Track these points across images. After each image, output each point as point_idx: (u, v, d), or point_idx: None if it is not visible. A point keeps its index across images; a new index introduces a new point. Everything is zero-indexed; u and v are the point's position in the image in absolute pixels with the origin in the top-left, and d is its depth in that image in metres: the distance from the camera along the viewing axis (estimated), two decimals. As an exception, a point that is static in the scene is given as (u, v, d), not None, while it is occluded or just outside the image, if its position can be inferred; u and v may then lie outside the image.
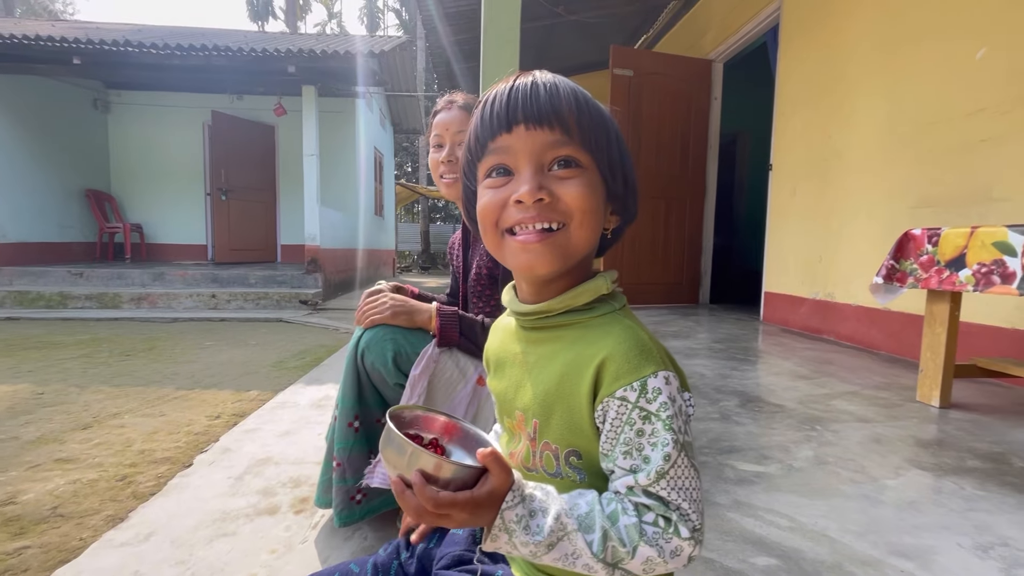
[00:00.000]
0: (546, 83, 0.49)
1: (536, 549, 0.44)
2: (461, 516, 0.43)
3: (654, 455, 0.45)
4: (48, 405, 2.41)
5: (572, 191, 0.48)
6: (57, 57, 5.68)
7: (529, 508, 0.44)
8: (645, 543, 0.44)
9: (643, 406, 0.45)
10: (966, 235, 1.50)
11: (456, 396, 1.06)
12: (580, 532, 0.44)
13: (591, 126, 0.49)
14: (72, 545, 1.35)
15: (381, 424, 1.13)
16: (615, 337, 0.48)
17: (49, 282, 5.84)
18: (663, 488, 0.45)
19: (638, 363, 0.46)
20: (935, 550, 0.84)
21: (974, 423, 1.51)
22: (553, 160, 0.48)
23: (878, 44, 2.72)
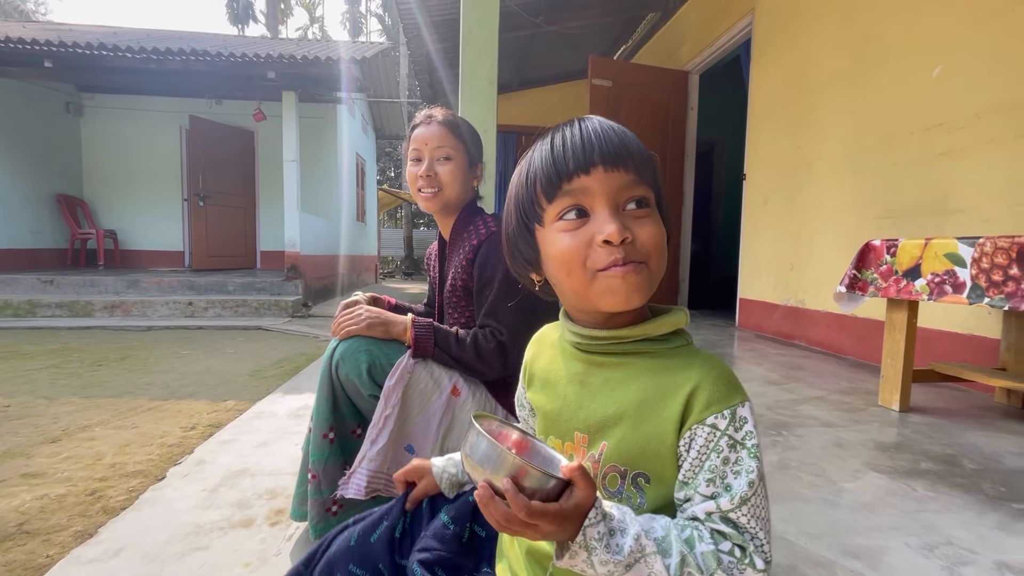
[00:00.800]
0: (614, 127, 0.51)
1: (615, 569, 0.43)
2: (548, 528, 0.42)
3: (737, 482, 0.46)
4: (14, 418, 2.35)
5: (648, 230, 0.50)
6: (28, 60, 5.56)
7: (610, 527, 0.44)
8: (721, 571, 0.44)
9: (731, 434, 0.47)
10: (921, 246, 1.57)
11: (431, 407, 1.07)
12: (659, 555, 0.44)
13: (650, 166, 0.51)
14: (38, 563, 1.33)
15: (356, 435, 1.14)
16: (702, 368, 0.49)
17: (17, 290, 5.67)
18: (743, 515, 0.46)
19: (727, 392, 0.48)
20: (884, 550, 0.88)
21: (930, 426, 1.58)
22: (627, 200, 0.50)
23: (844, 60, 2.83)
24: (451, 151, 1.15)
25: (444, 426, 1.07)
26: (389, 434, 1.01)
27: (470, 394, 1.09)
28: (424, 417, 1.06)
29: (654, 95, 4.53)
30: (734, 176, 5.86)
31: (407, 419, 1.06)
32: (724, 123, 5.94)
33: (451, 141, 1.15)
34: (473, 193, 1.26)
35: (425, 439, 1.06)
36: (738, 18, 3.86)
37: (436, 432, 1.06)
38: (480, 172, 1.22)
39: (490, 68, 2.43)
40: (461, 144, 1.16)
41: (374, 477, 1.01)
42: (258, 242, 7.97)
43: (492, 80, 2.42)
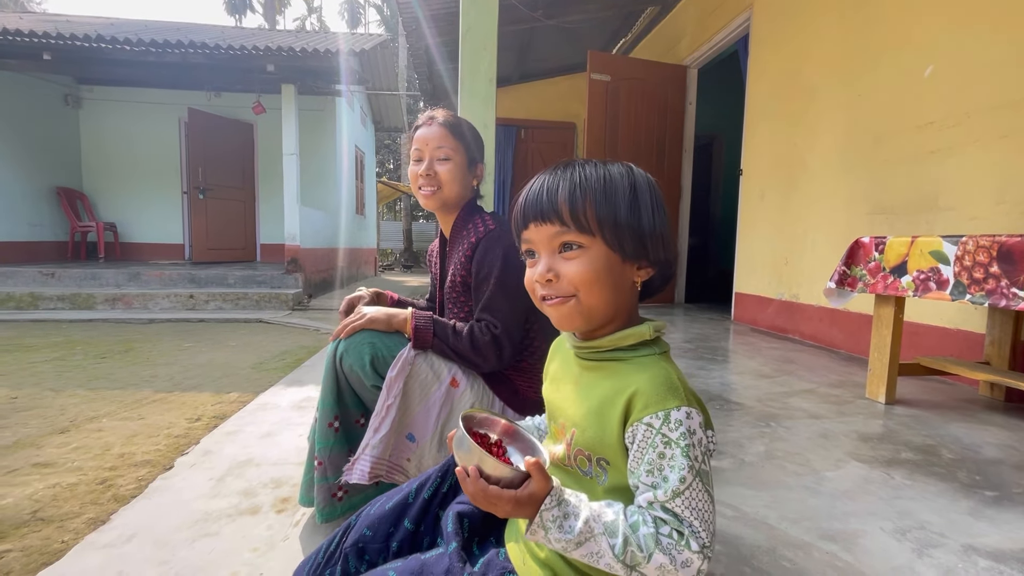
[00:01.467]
0: (548, 187, 0.62)
1: (567, 545, 0.54)
2: (507, 508, 0.54)
3: (672, 476, 0.54)
4: (23, 409, 2.40)
5: (574, 269, 0.61)
6: (26, 52, 5.55)
7: (564, 511, 0.54)
8: (660, 551, 0.52)
9: (665, 433, 0.55)
10: (908, 244, 1.62)
11: (431, 397, 1.12)
12: (605, 536, 0.53)
13: (588, 211, 0.60)
14: (54, 548, 1.38)
15: (360, 424, 1.19)
16: (648, 374, 0.59)
17: (19, 282, 5.71)
18: (678, 505, 0.53)
19: (664, 397, 0.56)
20: (859, 534, 0.93)
21: (914, 418, 1.63)
22: (559, 245, 0.62)
23: (839, 58, 2.85)
24: (450, 151, 1.19)
25: (443, 416, 1.12)
26: (391, 423, 1.06)
27: (468, 386, 1.14)
28: (424, 407, 1.11)
29: (653, 89, 4.55)
30: (732, 170, 5.89)
31: (408, 409, 1.11)
32: (722, 117, 5.96)
33: (451, 142, 1.19)
34: (473, 192, 1.30)
35: (425, 428, 1.11)
36: (736, 13, 3.87)
37: (436, 421, 1.11)
38: (480, 172, 1.26)
39: (489, 64, 2.45)
40: (461, 145, 1.20)
41: (377, 463, 1.05)
42: (258, 235, 7.99)
43: (491, 77, 2.45)
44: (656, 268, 0.64)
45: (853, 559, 0.85)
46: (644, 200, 0.62)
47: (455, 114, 1.28)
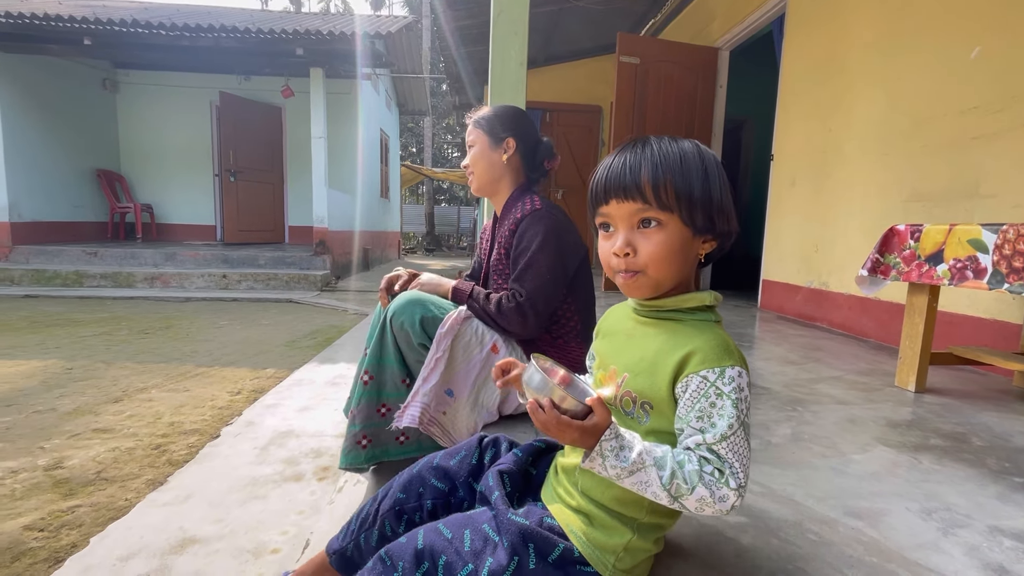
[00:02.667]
0: (631, 165, 0.66)
1: (620, 472, 0.62)
2: (572, 435, 0.62)
3: (720, 423, 0.61)
4: (79, 380, 2.56)
5: (649, 245, 0.66)
6: (68, 37, 5.73)
7: (621, 443, 0.62)
8: (702, 485, 0.60)
9: (719, 386, 0.61)
10: (945, 232, 1.60)
11: (472, 359, 1.20)
12: (655, 467, 0.61)
13: (668, 189, 0.64)
14: (119, 505, 1.50)
15: (405, 384, 1.25)
16: (707, 336, 0.65)
17: (65, 261, 5.98)
18: (723, 448, 0.60)
19: (721, 356, 0.63)
20: (885, 512, 0.96)
21: (944, 406, 1.63)
22: (639, 220, 0.66)
23: (879, 40, 2.77)
24: (474, 139, 1.33)
25: (481, 378, 1.21)
26: (439, 375, 1.15)
27: (507, 353, 1.22)
28: (466, 367, 1.20)
29: (682, 72, 4.47)
30: (761, 155, 5.76)
31: (452, 365, 1.19)
32: (753, 101, 5.81)
33: (474, 133, 1.34)
34: (520, 172, 1.36)
35: (464, 386, 1.19)
36: (772, -8, 3.77)
37: (474, 382, 1.19)
38: (509, 145, 1.32)
39: (520, 48, 2.46)
40: (481, 131, 1.33)
41: (425, 410, 1.13)
42: (286, 217, 8.17)
43: (522, 61, 2.45)
44: (719, 240, 0.69)
45: (878, 535, 0.88)
46: (714, 176, 0.66)
47: (488, 105, 1.37)
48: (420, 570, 0.68)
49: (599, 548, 0.68)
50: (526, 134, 1.34)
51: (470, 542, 0.69)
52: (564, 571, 0.68)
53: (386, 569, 0.70)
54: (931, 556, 0.83)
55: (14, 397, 2.28)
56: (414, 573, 0.68)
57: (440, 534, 0.71)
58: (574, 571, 0.69)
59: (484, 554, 0.68)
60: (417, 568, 0.68)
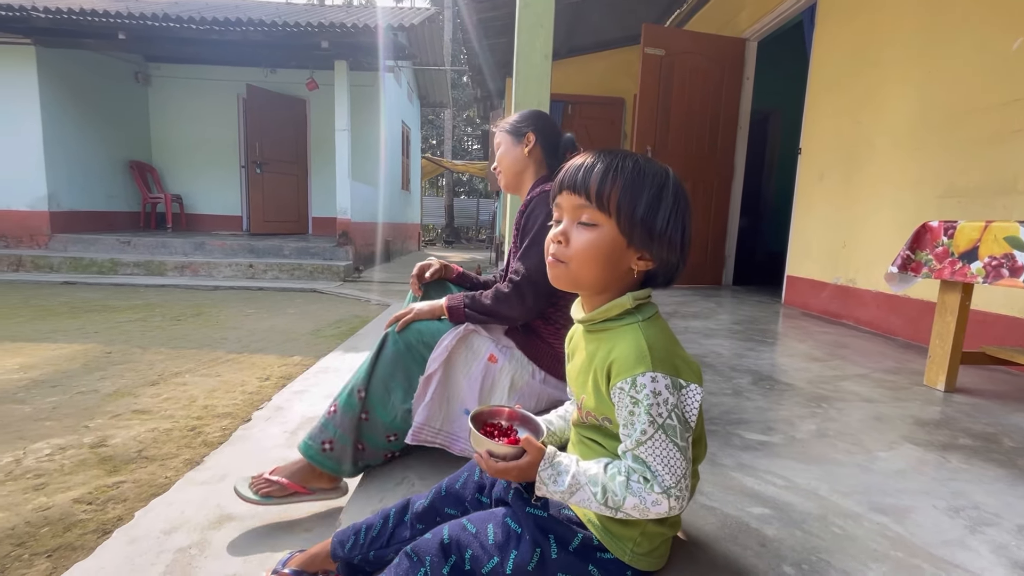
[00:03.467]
0: (587, 165, 0.69)
1: (563, 495, 0.68)
2: (513, 475, 0.69)
3: (636, 430, 0.64)
4: (117, 363, 2.67)
5: (580, 240, 0.69)
6: (103, 32, 5.89)
7: (556, 470, 0.68)
8: (631, 494, 0.64)
9: (633, 395, 0.64)
10: (980, 229, 1.56)
11: (472, 372, 1.25)
12: (589, 486, 0.66)
13: (612, 196, 0.67)
14: (160, 482, 1.57)
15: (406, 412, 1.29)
16: (624, 343, 0.68)
17: (100, 249, 6.20)
18: (643, 452, 0.64)
19: (632, 364, 0.65)
20: (911, 509, 0.96)
21: (974, 406, 1.60)
22: (579, 216, 0.70)
23: (915, 31, 2.69)
24: (500, 141, 1.41)
25: (486, 388, 1.25)
26: (431, 393, 1.21)
27: (507, 359, 1.26)
28: (468, 381, 1.25)
29: (708, 64, 4.40)
30: (788, 148, 5.65)
31: (455, 382, 1.25)
32: (780, 92, 5.69)
33: (499, 136, 1.41)
34: (543, 166, 1.40)
35: (472, 400, 1.24)
36: (803, -19, 3.68)
37: (479, 393, 1.24)
38: (529, 139, 1.37)
39: (545, 40, 2.45)
40: (504, 132, 1.40)
41: (419, 429, 1.21)
42: (309, 208, 8.30)
43: (547, 53, 2.45)
44: (657, 264, 0.70)
45: (904, 531, 0.89)
46: (666, 203, 0.68)
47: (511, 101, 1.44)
48: (448, 564, 0.71)
49: (616, 536, 0.71)
50: (546, 127, 1.39)
51: (494, 536, 0.72)
52: (585, 558, 0.71)
53: (413, 565, 0.73)
54: (957, 553, 0.83)
55: (59, 379, 2.40)
56: (442, 567, 0.71)
57: (464, 529, 0.74)
58: (595, 558, 0.71)
59: (508, 547, 0.71)
60: (445, 562, 0.72)
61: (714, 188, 4.58)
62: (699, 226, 4.51)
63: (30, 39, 6.02)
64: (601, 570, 0.71)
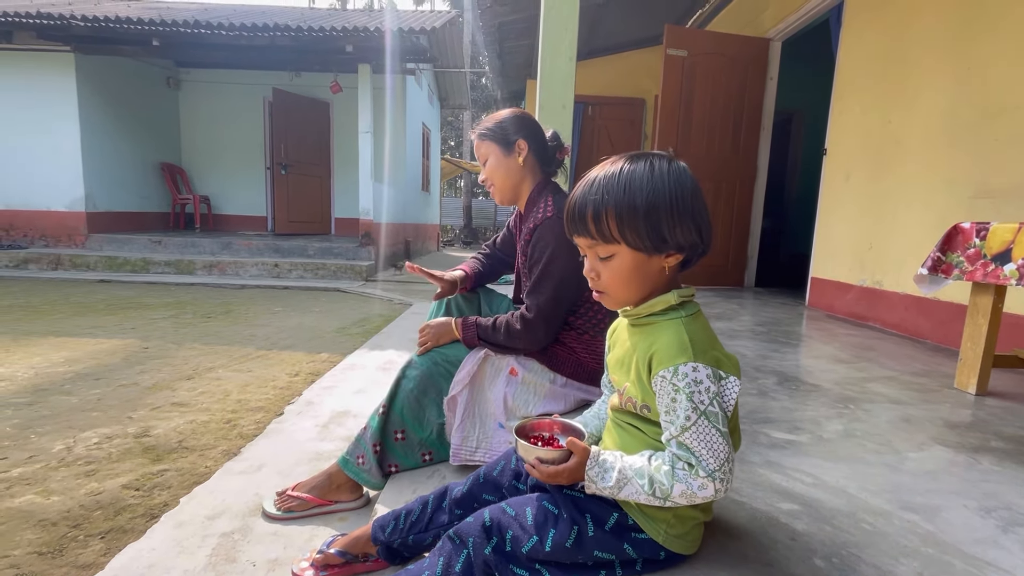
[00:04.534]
0: (579, 205, 0.74)
1: (611, 490, 0.71)
2: (563, 479, 0.74)
3: (679, 416, 0.67)
4: (155, 358, 2.78)
5: (608, 272, 0.75)
6: (138, 39, 6.11)
7: (602, 468, 0.72)
8: (678, 482, 0.67)
9: (675, 383, 0.68)
10: (1014, 230, 1.54)
11: (497, 387, 1.30)
12: (636, 478, 0.70)
13: (610, 222, 0.71)
14: (201, 471, 1.64)
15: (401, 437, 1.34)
16: (667, 335, 0.71)
17: (133, 249, 6.41)
18: (687, 439, 0.67)
19: (675, 354, 0.69)
20: (942, 508, 0.96)
21: (1006, 410, 1.58)
22: (597, 252, 0.75)
23: (949, 27, 2.64)
24: (485, 152, 1.35)
25: (512, 399, 1.29)
26: (460, 415, 1.27)
27: (526, 371, 1.30)
28: (495, 396, 1.29)
29: (731, 65, 4.37)
30: (811, 149, 5.56)
31: (483, 399, 1.30)
32: (803, 92, 5.61)
33: (482, 146, 1.35)
34: (539, 169, 1.38)
35: (500, 414, 1.29)
36: (829, -20, 3.64)
37: (506, 406, 1.28)
38: (521, 147, 1.33)
39: (570, 43, 2.48)
40: (489, 141, 1.34)
41: (458, 449, 1.26)
42: (332, 209, 8.45)
43: (571, 56, 2.48)
44: (685, 252, 0.73)
45: (934, 528, 0.89)
46: (664, 207, 0.70)
47: (490, 115, 1.39)
48: (490, 544, 0.75)
49: (650, 516, 0.75)
50: (534, 132, 1.35)
51: (533, 517, 0.76)
52: (620, 537, 0.75)
53: (456, 547, 0.77)
54: (989, 551, 0.84)
55: (102, 372, 2.50)
56: (484, 547, 0.75)
57: (504, 512, 0.78)
58: (629, 537, 0.75)
59: (547, 526, 0.75)
60: (487, 542, 0.75)
61: (736, 189, 4.55)
62: (721, 227, 4.48)
63: (69, 46, 6.26)
64: (636, 549, 0.75)
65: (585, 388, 1.33)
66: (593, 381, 1.32)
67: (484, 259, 1.64)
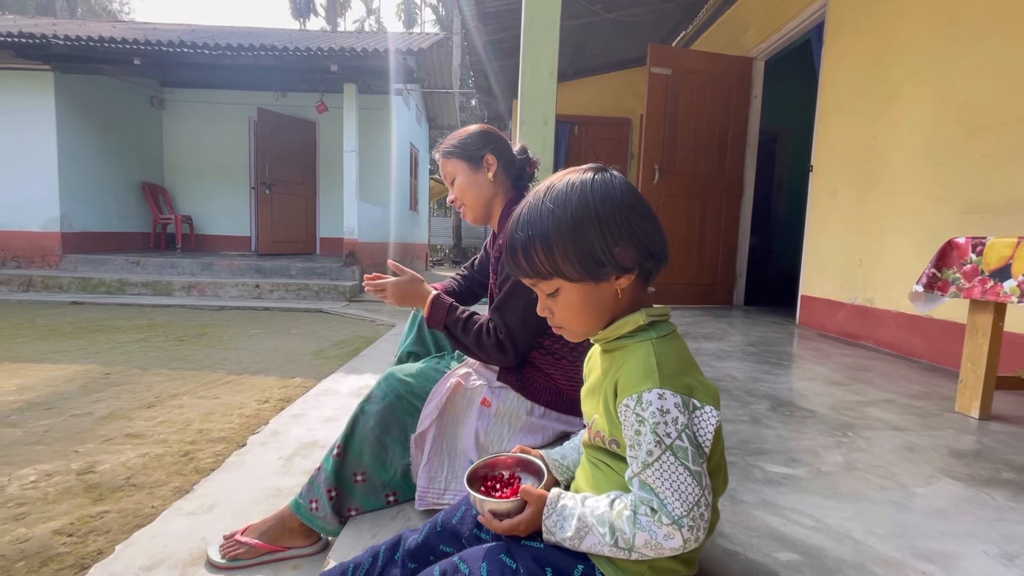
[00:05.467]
0: (511, 247, 0.68)
1: (572, 542, 0.63)
2: (519, 531, 0.67)
3: (642, 451, 0.59)
4: (115, 384, 2.62)
5: (558, 308, 0.69)
6: (120, 58, 6.03)
7: (561, 516, 0.64)
8: (640, 530, 0.58)
9: (638, 413, 0.60)
10: (1013, 245, 1.47)
11: (469, 420, 1.18)
12: (596, 527, 0.61)
13: (543, 264, 0.65)
14: (146, 512, 1.49)
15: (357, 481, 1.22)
16: (632, 359, 0.64)
17: (109, 269, 6.23)
18: (649, 477, 0.58)
19: (639, 380, 0.61)
20: (960, 555, 0.86)
21: (1013, 435, 1.49)
22: (543, 290, 0.69)
23: (931, 44, 2.64)
24: (451, 171, 1.28)
25: (484, 434, 1.18)
26: (428, 453, 1.15)
27: (500, 401, 1.19)
28: (466, 430, 1.18)
29: (715, 83, 4.38)
30: (797, 168, 5.58)
31: (453, 435, 1.18)
32: (787, 111, 5.66)
33: (448, 164, 1.28)
34: (508, 185, 1.30)
35: (472, 450, 1.17)
36: (810, 1, 3.66)
37: (477, 441, 1.17)
38: (489, 162, 1.26)
39: (551, 59, 2.43)
40: (455, 160, 1.27)
41: (424, 492, 1.14)
42: (318, 229, 8.34)
43: (552, 71, 2.43)
44: (637, 268, 0.66)
45: (954, 582, 0.79)
46: (593, 230, 0.63)
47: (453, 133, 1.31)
48: None
49: (621, 569, 0.64)
50: (501, 146, 1.28)
51: (487, 573, 0.66)
52: None
53: None
54: (1019, 609, 0.73)
55: (54, 400, 2.34)
56: None
57: (457, 569, 0.68)
58: None
59: None
60: None
61: (723, 206, 4.51)
62: (709, 245, 4.43)
63: (49, 65, 6.17)
64: None
65: (565, 419, 1.22)
66: (573, 411, 1.21)
67: (461, 280, 1.55)
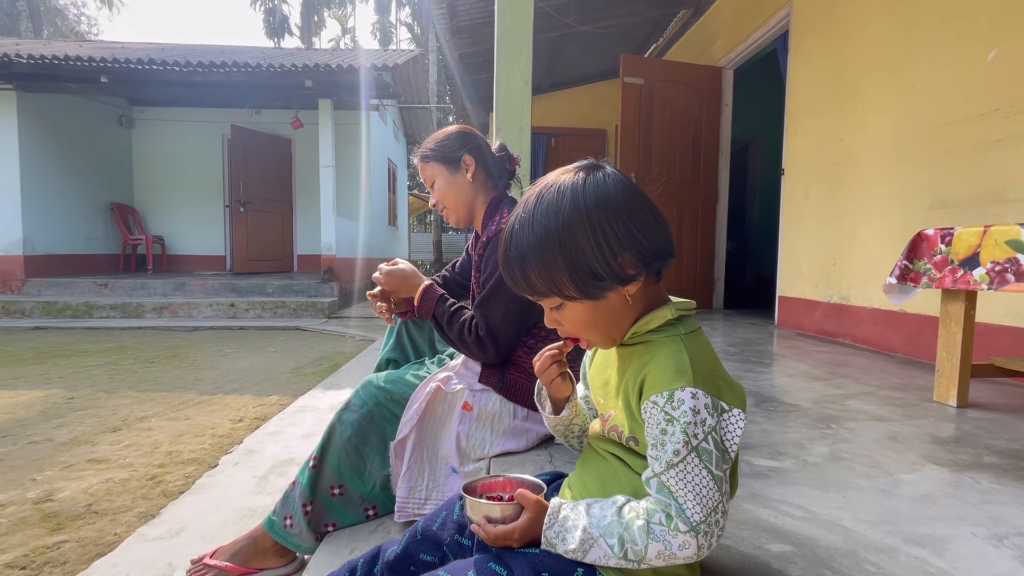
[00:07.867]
0: (507, 264, 0.63)
1: (575, 555, 0.59)
2: (516, 539, 0.62)
3: (667, 450, 0.55)
4: (79, 409, 2.50)
5: (567, 322, 0.65)
6: (85, 76, 5.90)
7: (563, 527, 0.60)
8: (653, 540, 0.55)
9: (668, 411, 0.56)
10: (979, 234, 1.51)
11: (451, 426, 1.16)
12: (603, 539, 0.57)
13: (540, 284, 0.61)
14: (107, 540, 1.41)
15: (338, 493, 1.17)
16: (662, 355, 0.60)
17: (75, 292, 6.01)
18: (671, 478, 0.55)
19: (671, 377, 0.57)
20: (949, 539, 0.84)
21: (992, 421, 1.51)
22: (547, 304, 0.64)
23: (890, 47, 2.73)
24: (431, 175, 1.26)
25: (465, 439, 1.15)
26: (408, 461, 1.12)
27: (481, 404, 1.17)
28: (447, 436, 1.15)
29: (687, 92, 4.47)
30: (769, 174, 5.71)
31: (433, 441, 1.15)
32: (758, 119, 5.80)
33: (427, 169, 1.26)
34: (492, 185, 1.29)
35: (454, 457, 1.14)
36: (775, 10, 3.77)
37: (458, 447, 1.14)
38: (467, 162, 1.25)
39: (524, 67, 2.44)
40: (433, 163, 1.25)
41: (404, 503, 1.11)
42: (295, 246, 8.21)
43: (526, 79, 2.44)
44: (643, 271, 0.61)
45: (946, 565, 0.77)
46: (588, 242, 0.58)
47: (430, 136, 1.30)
48: None
49: (625, 572, 0.61)
50: (479, 145, 1.26)
51: None
52: None
53: None
54: (1012, 589, 0.72)
55: (11, 428, 2.22)
56: None
57: None
58: None
59: None
60: None
61: (699, 212, 4.58)
62: (687, 251, 4.48)
63: (11, 84, 6.00)
64: None
65: None
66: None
67: (440, 282, 1.52)
